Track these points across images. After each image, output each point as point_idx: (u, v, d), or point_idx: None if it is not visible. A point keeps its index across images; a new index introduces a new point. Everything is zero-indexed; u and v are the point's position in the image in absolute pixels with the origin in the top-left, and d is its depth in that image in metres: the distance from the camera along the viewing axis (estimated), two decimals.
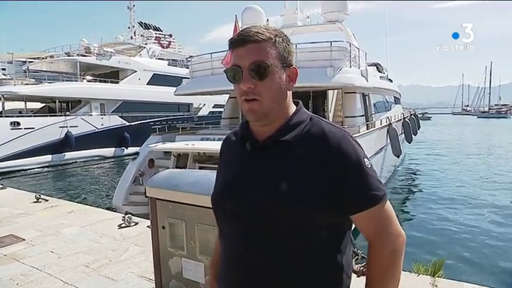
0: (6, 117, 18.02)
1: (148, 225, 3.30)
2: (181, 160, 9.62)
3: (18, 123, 17.83)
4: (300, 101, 1.13)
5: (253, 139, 1.08)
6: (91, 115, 21.63)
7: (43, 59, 25.69)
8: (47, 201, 6.51)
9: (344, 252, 1.05)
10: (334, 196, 0.97)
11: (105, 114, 22.27)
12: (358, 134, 9.18)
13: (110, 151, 21.81)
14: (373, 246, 1.04)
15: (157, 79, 25.26)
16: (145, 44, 29.97)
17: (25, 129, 17.90)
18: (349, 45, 10.51)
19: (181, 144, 9.21)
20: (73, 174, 17.75)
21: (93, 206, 7.45)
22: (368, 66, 11.93)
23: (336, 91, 11.77)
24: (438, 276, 3.35)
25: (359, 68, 10.67)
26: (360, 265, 3.18)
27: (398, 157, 14.13)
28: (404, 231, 1.06)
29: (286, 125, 1.06)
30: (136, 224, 5.01)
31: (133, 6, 35.46)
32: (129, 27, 35.13)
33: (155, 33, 36.36)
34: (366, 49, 12.16)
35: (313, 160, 1.00)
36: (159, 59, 28.41)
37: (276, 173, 1.01)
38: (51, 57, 25.49)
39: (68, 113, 20.80)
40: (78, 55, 24.18)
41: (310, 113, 1.11)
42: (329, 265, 1.03)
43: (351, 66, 10.15)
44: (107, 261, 3.87)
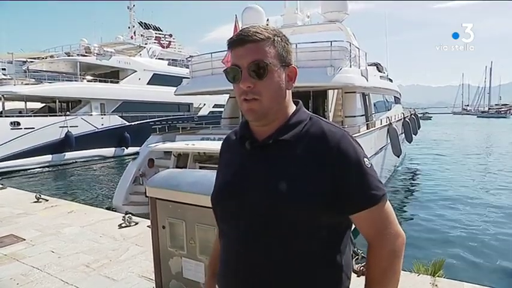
0: (6, 117, 18.00)
1: (148, 225, 3.30)
2: (182, 160, 9.61)
3: (18, 123, 17.82)
4: (300, 100, 1.13)
5: (253, 138, 1.08)
6: (91, 115, 21.62)
7: (43, 59, 25.69)
8: (47, 201, 6.52)
9: (344, 252, 1.05)
10: (334, 196, 0.97)
11: (105, 114, 22.26)
12: (358, 134, 9.18)
13: (110, 151, 21.81)
14: (372, 246, 1.03)
15: (157, 79, 25.23)
16: (146, 44, 29.96)
17: (25, 129, 17.90)
18: (349, 45, 10.50)
19: (182, 144, 9.21)
20: (73, 174, 17.76)
21: (93, 206, 7.45)
22: (368, 66, 11.92)
23: (336, 91, 11.77)
24: (438, 275, 3.35)
25: (359, 68, 10.66)
26: (360, 265, 3.17)
27: (399, 157, 14.13)
28: (405, 231, 1.05)
29: (286, 124, 1.06)
30: (137, 224, 5.01)
31: (133, 6, 35.52)
32: (129, 27, 35.18)
33: (155, 33, 36.35)
34: (366, 49, 12.19)
35: (313, 160, 0.99)
36: (159, 58, 28.40)
37: (276, 172, 1.01)
38: (51, 57, 25.49)
39: (68, 113, 20.80)
40: (78, 55, 24.17)
41: (310, 112, 1.11)
42: (329, 265, 1.03)
43: (351, 66, 10.15)
44: (107, 261, 3.87)
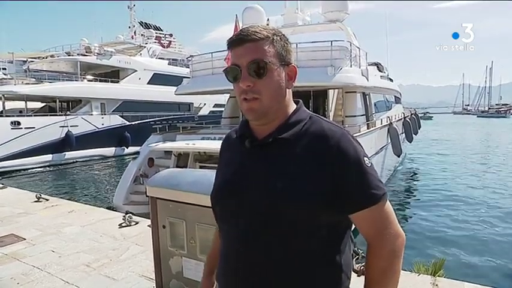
0: (6, 116, 18.01)
1: (148, 225, 3.30)
2: (182, 159, 9.61)
3: (19, 123, 17.84)
4: (301, 100, 1.13)
5: (253, 137, 1.08)
6: (91, 115, 21.63)
7: (43, 58, 25.69)
8: (47, 200, 6.51)
9: (344, 251, 1.05)
10: (333, 195, 0.97)
11: (105, 114, 22.27)
12: (359, 134, 9.18)
13: (110, 151, 21.83)
14: (372, 246, 1.03)
15: (157, 79, 25.23)
16: (146, 44, 29.94)
17: (25, 128, 17.91)
18: (350, 45, 10.48)
19: (182, 143, 9.21)
20: (73, 173, 17.77)
21: (93, 205, 7.44)
22: (368, 65, 11.91)
23: (337, 90, 11.76)
24: (439, 275, 3.35)
25: (359, 68, 10.65)
26: (360, 264, 3.17)
27: (399, 156, 14.13)
28: (405, 231, 1.05)
29: (286, 123, 1.05)
30: (137, 224, 5.01)
31: (134, 5, 35.56)
32: (129, 27, 35.21)
33: (155, 33, 36.39)
34: (367, 49, 12.13)
35: (313, 159, 0.99)
36: (160, 58, 28.39)
37: (276, 171, 1.01)
38: (52, 56, 25.50)
39: (69, 112, 20.84)
40: (78, 55, 24.17)
41: (310, 112, 1.11)
42: (329, 264, 1.03)
43: (351, 66, 10.14)
44: (107, 260, 3.87)
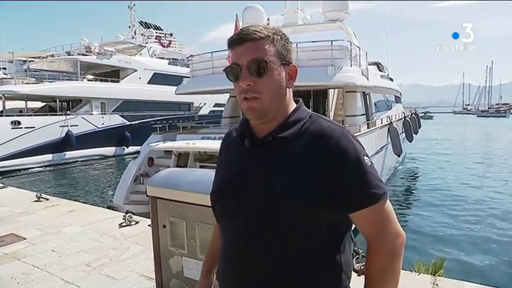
0: (6, 116, 18.02)
1: (149, 224, 3.30)
2: (182, 159, 9.61)
3: (19, 123, 17.84)
4: (301, 99, 1.13)
5: (253, 136, 1.08)
6: (92, 114, 21.64)
7: (44, 58, 25.71)
8: (47, 200, 6.51)
9: (344, 251, 1.05)
10: (333, 194, 0.97)
11: (105, 114, 22.28)
12: (359, 133, 9.18)
13: (110, 150, 21.84)
14: (372, 245, 1.03)
15: (157, 78, 25.22)
16: (146, 43, 29.96)
17: (26, 128, 17.91)
18: (350, 44, 10.47)
19: (182, 143, 9.21)
20: (74, 173, 17.78)
21: (93, 205, 7.45)
22: (369, 65, 11.91)
23: (337, 90, 11.76)
24: (439, 275, 3.35)
25: (360, 67, 10.64)
26: (361, 264, 3.17)
27: (399, 156, 14.13)
28: (405, 231, 1.05)
29: (286, 122, 1.05)
30: (137, 223, 5.00)
31: (134, 5, 35.56)
32: (129, 27, 35.21)
33: (156, 33, 36.39)
34: (367, 48, 12.12)
35: (313, 158, 0.99)
36: (160, 58, 28.42)
37: (276, 170, 1.01)
38: (52, 56, 25.50)
39: (69, 112, 20.85)
40: (78, 54, 24.17)
41: (310, 111, 1.11)
42: (328, 264, 1.03)
43: (351, 65, 10.13)
44: (107, 260, 3.87)
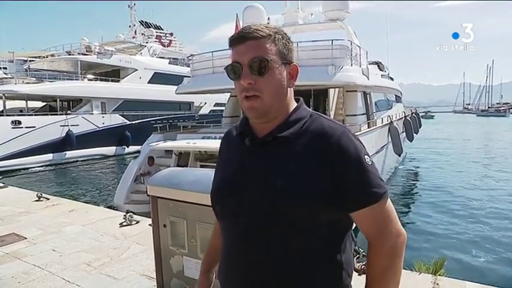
0: (7, 116, 18.04)
1: (149, 224, 3.30)
2: (183, 159, 9.61)
3: (19, 122, 17.86)
4: (301, 98, 1.12)
5: (253, 135, 1.07)
6: (92, 114, 21.66)
7: (44, 57, 25.74)
8: (48, 199, 6.52)
9: (344, 250, 1.05)
10: (334, 193, 0.97)
11: (106, 113, 22.30)
12: (360, 133, 9.17)
13: (111, 150, 21.86)
14: (372, 245, 1.02)
15: (158, 78, 25.24)
16: (146, 43, 29.96)
17: (26, 128, 17.94)
18: (350, 44, 10.46)
19: (183, 142, 9.21)
20: (74, 172, 17.79)
21: (94, 204, 7.46)
22: (369, 64, 11.90)
23: (337, 89, 11.75)
24: (440, 274, 3.35)
25: (360, 67, 10.63)
26: (362, 263, 3.17)
27: (400, 156, 14.12)
28: (406, 230, 1.04)
29: (286, 121, 1.05)
30: (138, 223, 5.01)
31: (134, 5, 35.57)
32: (130, 26, 35.22)
33: (156, 32, 36.34)
34: (367, 48, 12.12)
35: (313, 157, 0.99)
36: (160, 57, 28.42)
37: (276, 169, 1.00)
38: (52, 56, 25.53)
39: (69, 111, 20.87)
40: (79, 54, 24.16)
41: (310, 110, 1.11)
42: (329, 263, 1.03)
43: (352, 65, 10.12)
44: (108, 259, 3.87)
